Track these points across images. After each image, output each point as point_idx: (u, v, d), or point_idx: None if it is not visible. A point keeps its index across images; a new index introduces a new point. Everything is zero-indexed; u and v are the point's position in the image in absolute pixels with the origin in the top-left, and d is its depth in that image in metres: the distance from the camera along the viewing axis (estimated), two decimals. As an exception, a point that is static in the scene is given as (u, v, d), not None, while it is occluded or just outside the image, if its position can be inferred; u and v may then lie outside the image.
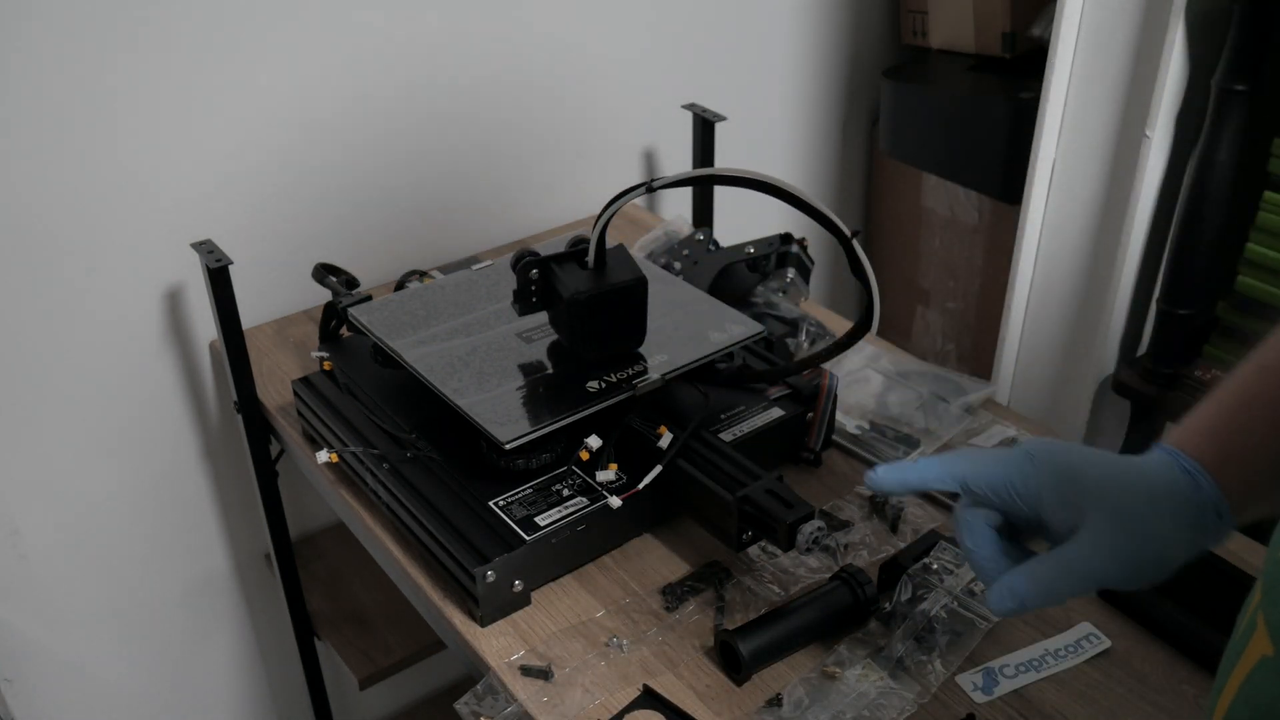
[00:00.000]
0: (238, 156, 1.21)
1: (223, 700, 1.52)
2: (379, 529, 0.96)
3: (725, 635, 0.80)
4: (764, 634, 0.80)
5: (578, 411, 0.89)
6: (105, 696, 1.40)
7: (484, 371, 0.94)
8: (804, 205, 0.84)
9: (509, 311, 0.97)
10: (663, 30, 1.50)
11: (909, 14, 1.70)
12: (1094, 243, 1.42)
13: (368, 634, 1.31)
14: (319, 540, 1.44)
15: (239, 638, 1.49)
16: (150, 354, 1.24)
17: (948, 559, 0.86)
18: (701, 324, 1.00)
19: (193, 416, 1.31)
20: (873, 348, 1.16)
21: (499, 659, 0.82)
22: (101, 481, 1.27)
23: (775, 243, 1.20)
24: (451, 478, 0.91)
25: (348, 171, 1.29)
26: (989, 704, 0.78)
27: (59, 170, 1.11)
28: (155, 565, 1.36)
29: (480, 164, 1.40)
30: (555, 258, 0.93)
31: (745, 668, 0.79)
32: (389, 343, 0.98)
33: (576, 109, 1.46)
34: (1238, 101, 1.23)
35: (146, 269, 1.20)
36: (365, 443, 0.97)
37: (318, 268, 1.11)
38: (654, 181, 0.86)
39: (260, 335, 1.27)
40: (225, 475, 1.36)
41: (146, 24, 1.10)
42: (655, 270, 1.09)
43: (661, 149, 1.57)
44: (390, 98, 1.29)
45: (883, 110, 1.72)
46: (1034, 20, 1.57)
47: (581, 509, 0.88)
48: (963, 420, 1.06)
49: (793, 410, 0.98)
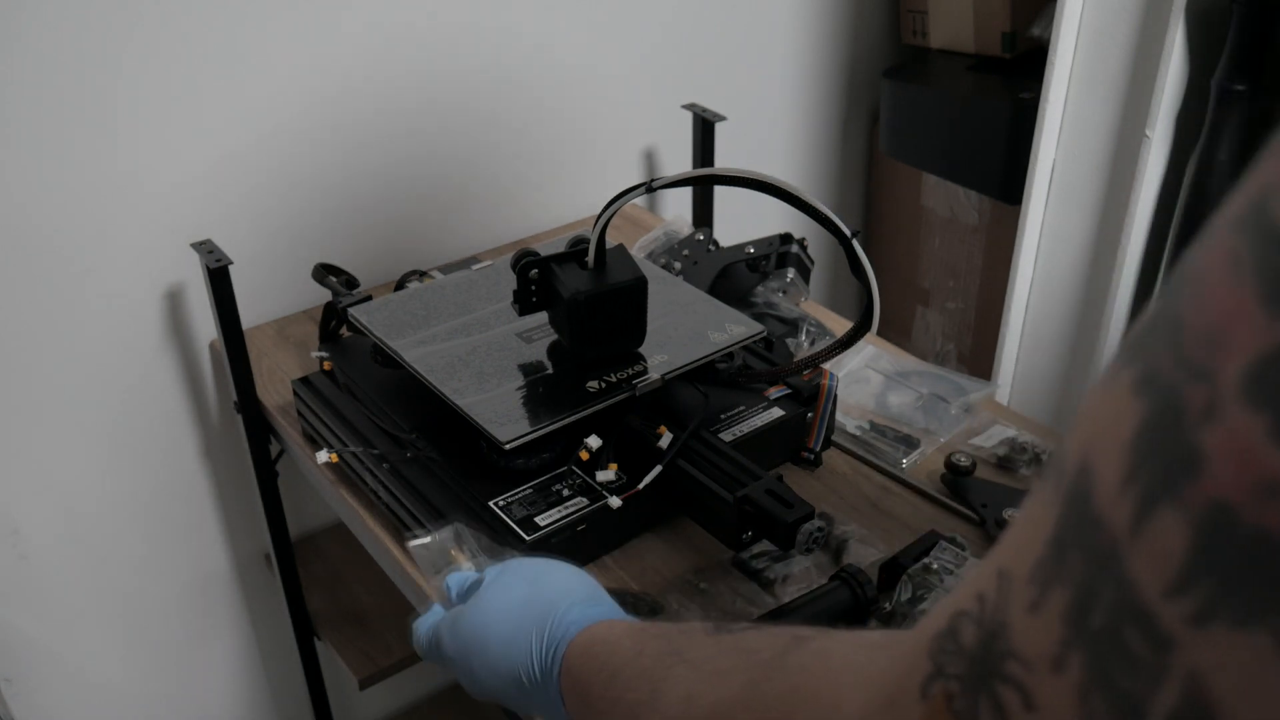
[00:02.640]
0: (238, 156, 1.21)
1: (223, 700, 1.52)
2: (379, 529, 0.96)
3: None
4: None
5: (578, 411, 0.89)
6: (105, 696, 1.40)
7: (484, 371, 0.94)
8: (804, 205, 0.84)
9: (509, 311, 0.97)
10: (663, 30, 1.50)
11: (909, 14, 1.70)
12: (1094, 242, 1.42)
13: (368, 634, 1.31)
14: (319, 540, 1.44)
15: (239, 638, 1.49)
16: (150, 354, 1.24)
17: (948, 559, 0.86)
18: (701, 324, 1.00)
19: (193, 416, 1.31)
20: (873, 348, 1.16)
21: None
22: (101, 481, 1.27)
23: (775, 243, 1.20)
24: (451, 478, 0.91)
25: (348, 171, 1.29)
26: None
27: (58, 170, 1.11)
28: (155, 565, 1.36)
29: (480, 164, 1.40)
30: (555, 258, 0.93)
31: None
32: (389, 343, 0.98)
33: (577, 109, 1.46)
34: (1238, 101, 1.23)
35: (146, 269, 1.20)
36: (365, 443, 0.97)
37: (318, 268, 1.11)
38: (654, 181, 0.86)
39: (260, 335, 1.27)
40: (225, 475, 1.36)
41: (145, 23, 1.10)
42: (655, 270, 1.09)
43: (661, 149, 1.57)
44: (390, 98, 1.29)
45: (883, 110, 1.72)
46: (1034, 20, 1.57)
47: (581, 509, 0.88)
48: (963, 420, 1.06)
49: (793, 410, 0.98)
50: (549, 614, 0.59)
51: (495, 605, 0.62)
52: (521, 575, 0.64)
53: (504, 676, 0.60)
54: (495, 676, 0.61)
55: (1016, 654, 0.29)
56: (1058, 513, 0.28)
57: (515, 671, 0.59)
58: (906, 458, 1.01)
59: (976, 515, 0.93)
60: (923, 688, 0.32)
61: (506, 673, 0.60)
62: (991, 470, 1.00)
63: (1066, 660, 0.27)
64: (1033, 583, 0.29)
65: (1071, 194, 1.41)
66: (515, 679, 0.59)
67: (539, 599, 0.61)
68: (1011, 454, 1.01)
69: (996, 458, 1.01)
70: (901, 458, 1.01)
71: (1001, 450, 1.01)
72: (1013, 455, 1.01)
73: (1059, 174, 1.41)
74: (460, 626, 0.63)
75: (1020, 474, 0.99)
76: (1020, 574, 0.29)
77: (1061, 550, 0.28)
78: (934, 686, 0.32)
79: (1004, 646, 0.29)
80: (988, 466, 1.00)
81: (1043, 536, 0.29)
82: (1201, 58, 1.27)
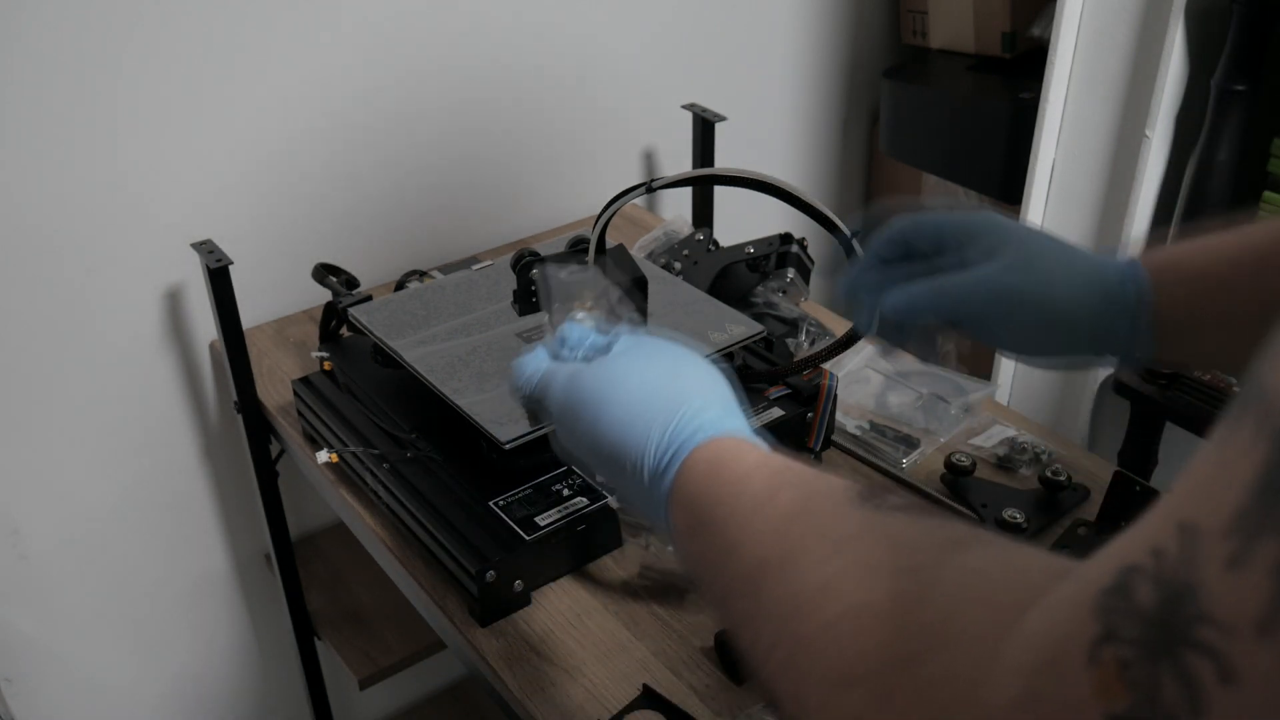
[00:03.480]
0: (238, 157, 1.21)
1: (223, 700, 1.52)
2: (379, 529, 0.96)
3: (725, 635, 0.80)
4: None
5: (578, 411, 0.89)
6: (105, 696, 1.40)
7: (484, 371, 0.94)
8: (804, 205, 0.84)
9: (509, 311, 0.97)
10: (663, 30, 1.50)
11: (909, 14, 1.70)
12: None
13: (368, 634, 1.31)
14: (319, 540, 1.44)
15: (239, 638, 1.49)
16: (150, 354, 1.24)
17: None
18: (701, 324, 1.00)
19: (193, 416, 1.31)
20: (873, 348, 1.16)
21: (499, 659, 0.82)
22: (101, 481, 1.27)
23: (775, 243, 1.20)
24: (451, 478, 0.91)
25: (348, 171, 1.29)
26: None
27: (59, 170, 1.11)
28: (155, 565, 1.36)
29: (480, 164, 1.40)
30: (555, 258, 0.93)
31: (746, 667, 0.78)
32: (389, 343, 0.98)
33: (577, 109, 1.46)
34: (1238, 101, 1.23)
35: (146, 269, 1.20)
36: (365, 443, 0.97)
37: (318, 268, 1.11)
38: (654, 181, 0.86)
39: (260, 335, 1.27)
40: (225, 475, 1.36)
41: (145, 23, 1.10)
42: (655, 270, 1.09)
43: (661, 149, 1.57)
44: (390, 98, 1.29)
45: (883, 110, 1.72)
46: (1034, 20, 1.57)
47: (581, 509, 0.88)
48: (962, 420, 1.06)
49: (793, 410, 0.98)
50: (679, 408, 0.52)
51: (624, 378, 0.55)
52: (661, 356, 0.57)
53: (609, 455, 0.54)
54: (598, 451, 0.55)
55: (1210, 618, 0.26)
56: (1264, 455, 0.25)
57: (625, 455, 0.53)
58: (906, 458, 1.01)
59: (976, 515, 0.93)
60: (1090, 652, 0.29)
61: (613, 453, 0.54)
62: (991, 470, 1.00)
63: (1277, 623, 0.24)
64: (1231, 536, 0.25)
65: (1071, 194, 1.41)
66: (621, 462, 0.53)
67: (673, 388, 0.54)
68: (1011, 454, 1.01)
69: (996, 458, 1.01)
70: (901, 458, 1.01)
71: (1001, 450, 1.02)
72: (1013, 455, 1.01)
73: (1059, 174, 1.41)
74: (577, 385, 0.57)
75: (1020, 474, 0.99)
76: (1212, 527, 0.26)
77: (1272, 496, 0.25)
78: (1104, 651, 0.28)
79: (1193, 609, 0.26)
80: (988, 466, 1.00)
81: (1242, 482, 0.26)
82: (1201, 58, 1.27)
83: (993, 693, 0.32)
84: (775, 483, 0.47)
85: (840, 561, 0.41)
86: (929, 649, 0.35)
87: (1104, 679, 0.28)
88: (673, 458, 0.51)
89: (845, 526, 0.43)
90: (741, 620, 0.45)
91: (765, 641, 0.43)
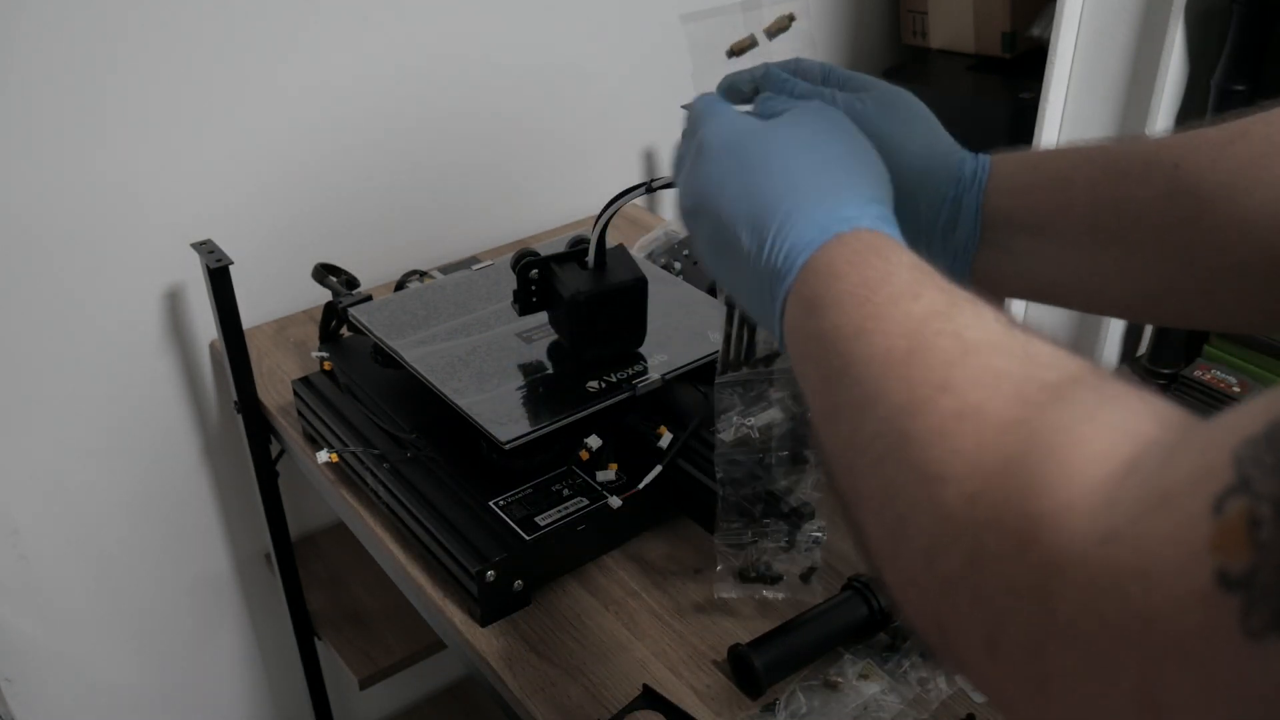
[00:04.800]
0: (238, 156, 1.21)
1: (223, 700, 1.52)
2: (379, 529, 0.96)
3: (741, 649, 0.79)
4: (779, 646, 0.79)
5: (578, 411, 0.89)
6: (105, 696, 1.40)
7: (484, 371, 0.94)
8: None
9: (509, 311, 0.97)
10: (663, 30, 1.49)
11: (909, 14, 1.70)
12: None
13: (368, 634, 1.31)
14: (319, 540, 1.44)
15: (239, 638, 1.49)
16: (150, 354, 1.24)
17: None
18: (701, 324, 1.00)
19: (193, 416, 1.31)
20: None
21: (499, 659, 0.82)
22: (101, 481, 1.27)
23: (775, 243, 1.20)
24: (451, 478, 0.91)
25: (348, 171, 1.29)
26: (988, 703, 0.78)
27: (58, 170, 1.11)
28: (155, 565, 1.36)
29: (480, 164, 1.40)
30: (555, 258, 0.93)
31: (763, 682, 0.78)
32: (389, 343, 0.98)
33: (576, 109, 1.46)
34: (1238, 101, 1.23)
35: (146, 269, 1.20)
36: (365, 443, 0.97)
37: (318, 268, 1.11)
38: (654, 181, 0.86)
39: (260, 335, 1.27)
40: (225, 475, 1.36)
41: (145, 23, 1.10)
42: (655, 270, 1.09)
43: (662, 149, 1.57)
44: (390, 98, 1.29)
45: (883, 110, 1.72)
46: (1034, 20, 1.57)
47: (581, 509, 0.88)
48: (963, 420, 1.06)
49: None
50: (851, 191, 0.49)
51: (793, 144, 0.52)
52: (838, 133, 0.53)
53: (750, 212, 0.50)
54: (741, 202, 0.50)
55: None
56: None
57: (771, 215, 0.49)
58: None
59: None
60: (1218, 500, 0.26)
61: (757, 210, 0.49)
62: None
63: None
64: None
65: (1071, 194, 1.41)
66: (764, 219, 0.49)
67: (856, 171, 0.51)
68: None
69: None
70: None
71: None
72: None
73: (1059, 174, 1.41)
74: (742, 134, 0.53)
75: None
76: None
77: None
78: (1233, 503, 0.25)
79: None
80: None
81: None
82: (1201, 58, 1.27)
83: (1087, 521, 0.29)
84: (923, 282, 0.43)
85: (966, 366, 0.38)
86: (1030, 464, 0.33)
87: (1226, 532, 0.25)
88: (822, 231, 0.47)
89: (979, 329, 0.40)
90: (845, 407, 0.42)
91: (868, 430, 0.40)
